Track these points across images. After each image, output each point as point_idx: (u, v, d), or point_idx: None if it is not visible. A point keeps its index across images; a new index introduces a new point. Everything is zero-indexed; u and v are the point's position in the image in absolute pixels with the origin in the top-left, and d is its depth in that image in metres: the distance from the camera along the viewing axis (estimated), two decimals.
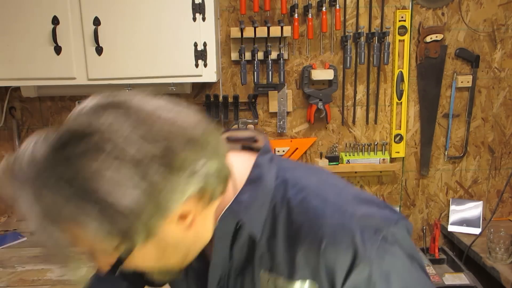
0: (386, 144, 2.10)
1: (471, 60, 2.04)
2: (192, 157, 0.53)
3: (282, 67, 1.93)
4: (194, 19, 1.64)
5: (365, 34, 1.95)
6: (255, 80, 1.95)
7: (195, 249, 0.62)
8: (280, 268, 0.62)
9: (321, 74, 1.96)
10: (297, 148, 2.08)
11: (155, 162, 0.50)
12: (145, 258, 0.56)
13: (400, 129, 2.07)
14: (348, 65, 1.97)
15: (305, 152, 2.10)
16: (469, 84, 2.05)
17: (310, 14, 1.91)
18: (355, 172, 2.10)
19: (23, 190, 0.50)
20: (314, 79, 1.96)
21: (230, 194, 0.61)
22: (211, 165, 0.55)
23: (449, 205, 2.15)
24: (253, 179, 0.62)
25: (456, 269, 1.92)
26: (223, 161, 0.58)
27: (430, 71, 2.05)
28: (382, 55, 1.97)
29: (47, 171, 0.50)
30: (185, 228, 0.56)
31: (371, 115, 2.07)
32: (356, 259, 0.58)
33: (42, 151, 0.51)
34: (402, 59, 2.01)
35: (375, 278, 0.58)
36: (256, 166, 0.64)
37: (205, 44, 1.67)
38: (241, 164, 0.64)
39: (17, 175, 0.51)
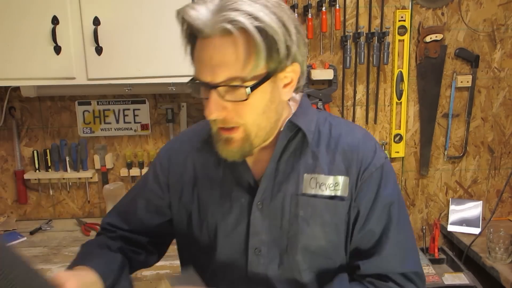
0: (386, 144, 2.10)
1: (471, 60, 2.04)
2: (305, 39, 0.82)
3: None
4: None
5: (364, 34, 1.95)
6: None
7: (277, 125, 0.86)
8: (322, 168, 0.87)
9: (321, 74, 1.96)
10: None
11: (298, 23, 0.79)
12: (261, 100, 0.78)
13: (400, 129, 2.07)
14: (347, 65, 1.97)
15: None
16: (469, 84, 2.05)
17: (310, 14, 1.91)
18: None
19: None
20: (314, 79, 1.96)
21: (290, 114, 0.89)
22: (305, 55, 0.81)
23: (448, 205, 2.15)
24: (302, 106, 0.91)
25: (456, 269, 1.92)
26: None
27: (429, 71, 2.05)
28: (381, 55, 1.97)
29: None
30: (285, 93, 0.82)
31: (371, 115, 2.08)
32: (375, 155, 0.88)
33: None
34: (402, 59, 2.02)
35: (385, 169, 0.89)
36: (302, 100, 0.92)
37: None
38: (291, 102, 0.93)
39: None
